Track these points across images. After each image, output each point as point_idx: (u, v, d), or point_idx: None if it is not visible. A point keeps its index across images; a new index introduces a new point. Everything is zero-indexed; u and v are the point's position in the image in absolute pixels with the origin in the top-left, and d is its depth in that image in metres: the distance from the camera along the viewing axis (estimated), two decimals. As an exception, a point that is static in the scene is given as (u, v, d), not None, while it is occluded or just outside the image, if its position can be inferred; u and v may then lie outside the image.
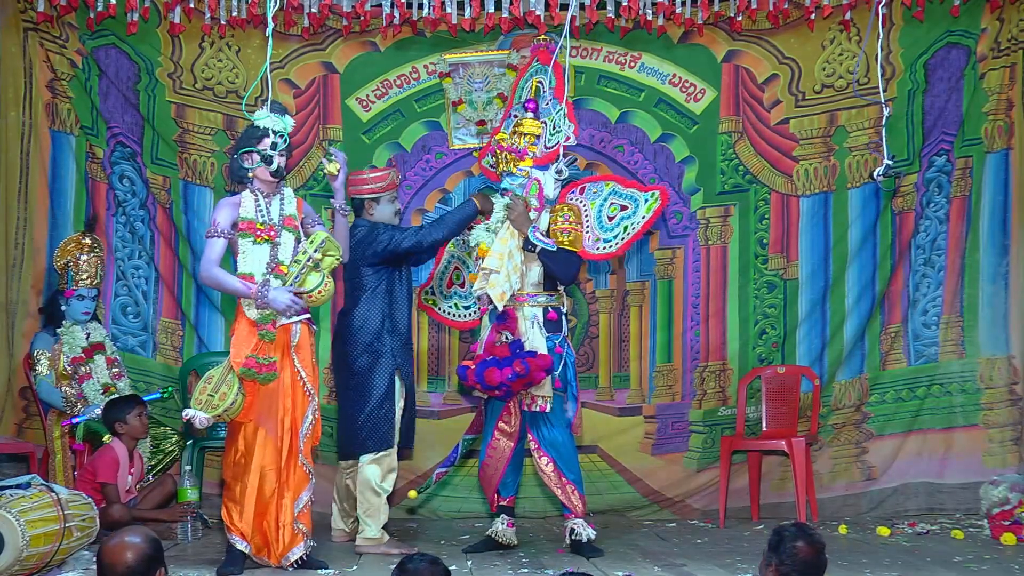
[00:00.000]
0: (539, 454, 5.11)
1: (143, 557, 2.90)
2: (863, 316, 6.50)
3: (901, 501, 6.42)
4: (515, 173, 5.17)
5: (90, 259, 5.91)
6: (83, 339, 5.85)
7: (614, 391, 6.61)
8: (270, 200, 4.73)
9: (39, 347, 5.84)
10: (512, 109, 5.48)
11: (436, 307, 5.82)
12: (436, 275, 5.79)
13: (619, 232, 5.20)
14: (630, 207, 5.25)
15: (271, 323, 4.61)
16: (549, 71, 5.33)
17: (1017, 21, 6.33)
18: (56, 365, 5.80)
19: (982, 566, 4.77)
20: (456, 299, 5.78)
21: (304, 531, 4.66)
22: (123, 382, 5.95)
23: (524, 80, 5.48)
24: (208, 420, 4.54)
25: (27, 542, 4.14)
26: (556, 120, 5.23)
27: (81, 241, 5.97)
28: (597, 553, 5.03)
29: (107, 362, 5.91)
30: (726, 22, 6.36)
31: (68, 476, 5.75)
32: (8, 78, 6.22)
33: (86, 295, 5.88)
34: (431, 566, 2.93)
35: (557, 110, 5.24)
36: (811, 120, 6.52)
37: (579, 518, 5.11)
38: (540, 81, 5.36)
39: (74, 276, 5.87)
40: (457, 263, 5.76)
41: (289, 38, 6.39)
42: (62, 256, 5.94)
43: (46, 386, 5.79)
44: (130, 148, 6.36)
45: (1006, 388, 6.44)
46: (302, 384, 4.68)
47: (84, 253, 5.92)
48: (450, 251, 5.70)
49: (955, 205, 6.49)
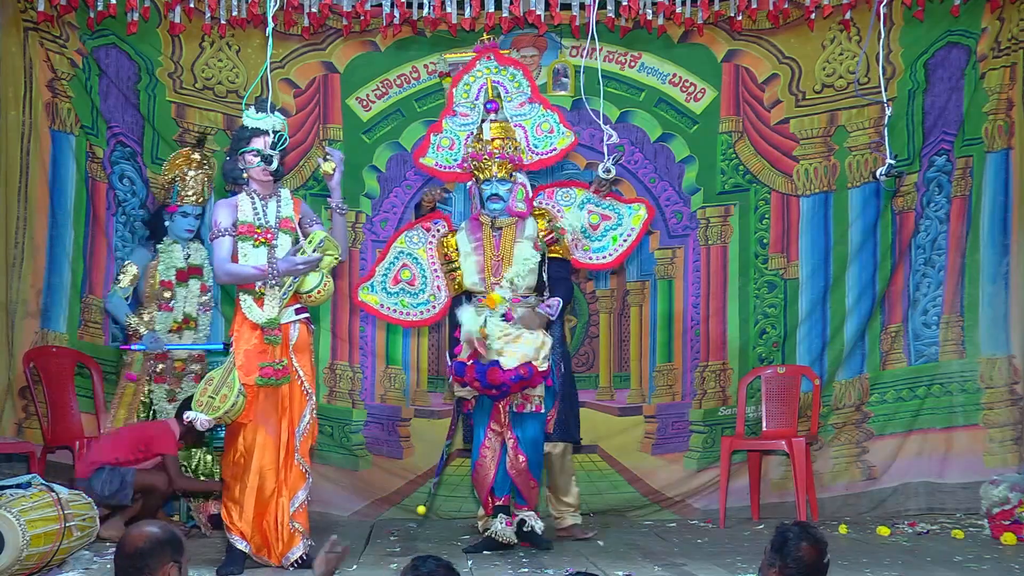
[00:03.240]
0: (516, 452, 5.16)
1: (154, 544, 2.91)
2: (863, 316, 6.50)
3: (901, 501, 6.42)
4: (506, 179, 5.19)
5: (198, 176, 5.78)
6: (181, 259, 5.74)
7: (614, 391, 6.61)
8: (267, 202, 4.73)
9: (131, 259, 5.74)
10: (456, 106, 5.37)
11: (377, 303, 5.40)
12: (379, 271, 5.40)
13: (608, 243, 5.37)
14: (613, 218, 5.42)
15: (276, 328, 4.62)
16: (514, 70, 5.37)
17: (1017, 21, 6.33)
18: (151, 282, 5.68)
19: (982, 566, 4.77)
20: (403, 296, 5.41)
21: (300, 530, 4.65)
22: (206, 316, 5.82)
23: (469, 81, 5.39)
24: (209, 422, 4.54)
25: (27, 542, 4.14)
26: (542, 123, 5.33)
27: (190, 156, 5.83)
28: (550, 545, 5.21)
29: (201, 289, 5.79)
30: (726, 22, 6.36)
31: (133, 404, 5.67)
32: (8, 78, 6.22)
33: (190, 212, 5.73)
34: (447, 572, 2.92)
35: (539, 113, 5.33)
36: (811, 120, 6.53)
37: (531, 511, 5.25)
38: (497, 82, 5.35)
39: (180, 191, 5.74)
40: (405, 259, 5.40)
41: (289, 38, 6.39)
42: (170, 170, 5.82)
43: (117, 300, 5.71)
44: (130, 148, 6.36)
45: (1006, 388, 6.44)
46: (300, 384, 4.69)
47: (192, 169, 5.78)
48: (398, 247, 5.42)
49: (955, 205, 6.49)
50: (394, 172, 6.48)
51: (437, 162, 5.40)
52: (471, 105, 5.35)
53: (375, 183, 6.52)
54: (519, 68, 5.43)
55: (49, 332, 6.28)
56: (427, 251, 5.37)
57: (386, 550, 5.30)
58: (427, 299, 5.39)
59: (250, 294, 4.64)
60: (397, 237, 5.44)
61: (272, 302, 4.62)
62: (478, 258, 5.22)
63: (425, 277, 5.37)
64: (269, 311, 4.61)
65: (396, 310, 5.40)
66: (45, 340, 6.25)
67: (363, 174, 6.49)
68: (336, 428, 6.44)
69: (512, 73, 5.40)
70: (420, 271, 5.38)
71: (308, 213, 4.88)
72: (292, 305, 4.71)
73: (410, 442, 6.45)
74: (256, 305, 4.63)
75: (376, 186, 6.52)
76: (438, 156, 5.39)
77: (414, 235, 5.41)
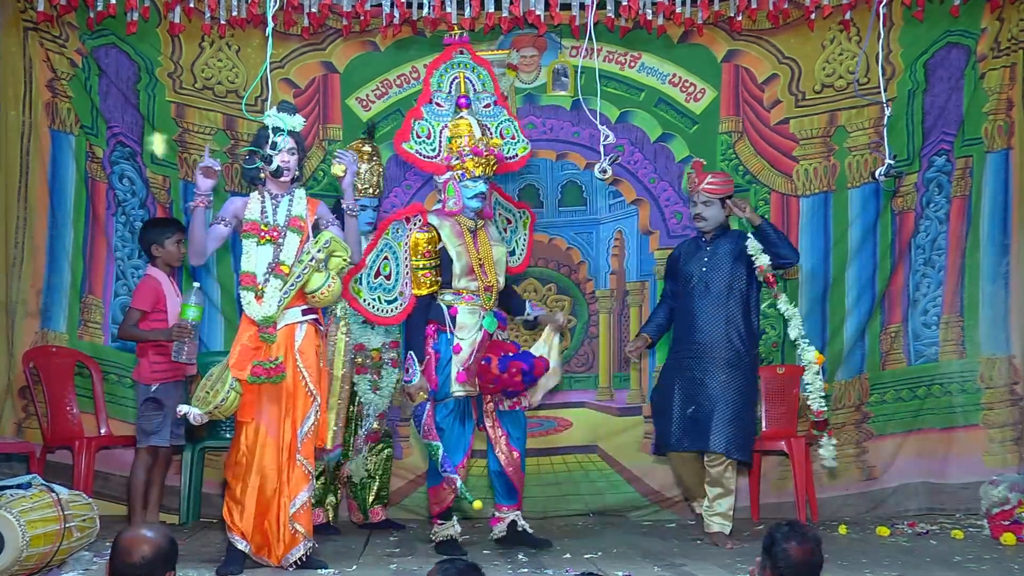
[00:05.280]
0: (510, 448, 5.19)
1: (159, 554, 2.91)
2: (863, 316, 6.50)
3: (901, 501, 6.42)
4: (488, 179, 5.16)
5: (371, 167, 5.76)
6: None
7: (614, 391, 6.61)
8: (278, 201, 4.73)
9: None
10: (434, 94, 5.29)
11: (360, 297, 5.12)
12: (368, 261, 5.13)
13: (515, 247, 5.57)
14: (513, 221, 5.61)
15: (272, 326, 4.61)
16: (483, 70, 5.37)
17: (1017, 21, 6.33)
18: None
19: (982, 566, 4.77)
20: (380, 292, 5.12)
21: (301, 532, 4.64)
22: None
23: (444, 72, 5.33)
24: (202, 416, 4.54)
25: (27, 542, 4.14)
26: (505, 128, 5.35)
27: (361, 149, 5.78)
28: (548, 544, 5.23)
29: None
30: (726, 22, 6.36)
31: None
32: (8, 78, 6.22)
33: (368, 205, 5.68)
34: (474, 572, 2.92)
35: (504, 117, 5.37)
36: (811, 120, 6.53)
37: (519, 511, 5.29)
38: (468, 79, 5.33)
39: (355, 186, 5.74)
40: (387, 252, 5.16)
41: (289, 38, 6.39)
42: None
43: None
44: (130, 148, 6.35)
45: (1006, 388, 6.45)
46: (304, 384, 4.68)
47: (364, 162, 5.73)
48: (384, 239, 5.17)
49: (955, 205, 6.50)
50: (394, 172, 6.47)
51: (418, 150, 5.21)
52: (445, 96, 5.29)
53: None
54: (487, 69, 5.40)
55: (49, 332, 6.28)
56: (404, 246, 5.15)
57: (386, 550, 5.30)
58: (396, 296, 5.12)
59: (250, 290, 4.64)
60: (387, 226, 5.19)
61: (271, 300, 4.61)
62: (467, 258, 5.13)
63: (399, 273, 5.14)
64: (267, 308, 4.60)
65: (373, 305, 5.11)
66: (45, 340, 6.26)
67: (363, 174, 6.49)
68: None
69: (481, 72, 5.38)
70: (396, 266, 5.15)
71: (325, 214, 4.86)
72: (298, 306, 4.70)
73: (410, 442, 6.45)
74: (255, 301, 4.63)
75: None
76: (419, 144, 5.21)
77: (398, 227, 5.15)
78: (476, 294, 5.14)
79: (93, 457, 5.77)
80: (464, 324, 5.11)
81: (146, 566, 2.88)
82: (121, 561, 2.92)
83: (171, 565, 2.95)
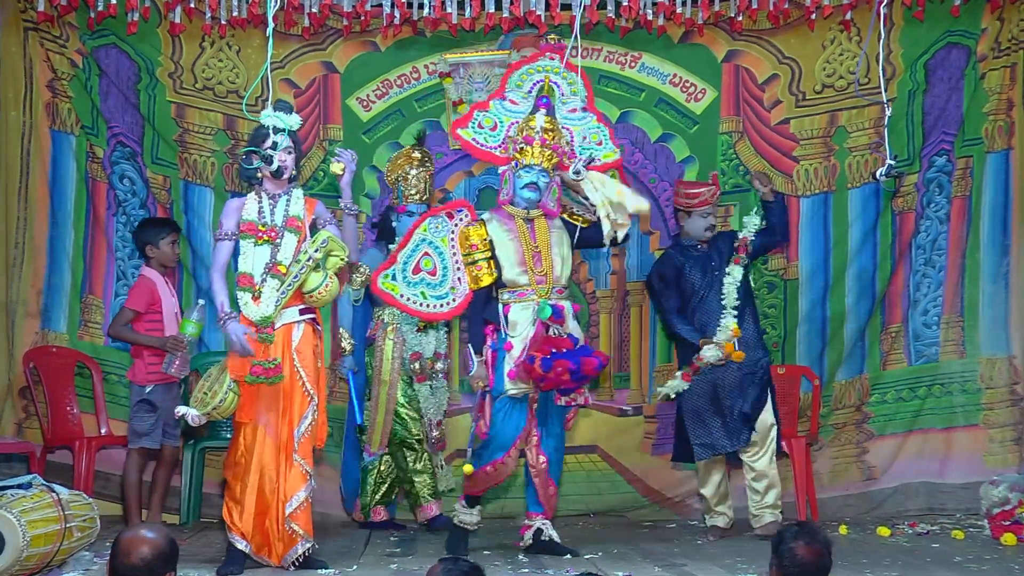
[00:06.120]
0: (538, 452, 5.11)
1: (159, 554, 2.91)
2: (863, 316, 6.50)
3: (901, 501, 6.42)
4: (546, 171, 5.11)
5: (419, 174, 5.79)
6: None
7: (614, 391, 6.61)
8: (275, 201, 4.72)
9: (366, 261, 5.70)
10: (507, 92, 5.34)
11: (396, 292, 5.11)
12: (400, 258, 5.11)
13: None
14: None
15: (269, 326, 4.61)
16: (574, 76, 5.37)
17: (1017, 21, 6.33)
18: None
19: (982, 566, 4.78)
20: (423, 287, 5.10)
21: (298, 532, 4.63)
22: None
23: (527, 73, 5.38)
24: (200, 417, 4.55)
25: (28, 542, 4.14)
26: (591, 133, 5.37)
27: (411, 155, 5.82)
28: (576, 552, 5.10)
29: None
30: (726, 22, 6.35)
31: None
32: (8, 78, 6.22)
33: (415, 211, 5.67)
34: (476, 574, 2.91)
35: (591, 123, 5.38)
36: (811, 120, 6.52)
37: (547, 519, 5.19)
38: (554, 83, 5.34)
39: (403, 191, 5.73)
40: (427, 248, 5.14)
41: (289, 38, 6.38)
42: (392, 171, 5.85)
43: (342, 302, 5.77)
44: (130, 148, 6.35)
45: (1007, 388, 6.45)
46: (301, 384, 4.68)
47: (414, 167, 5.78)
48: (420, 234, 5.16)
49: (956, 205, 6.50)
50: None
51: (475, 138, 5.23)
52: (524, 95, 5.31)
53: (375, 183, 6.51)
54: (580, 76, 5.40)
55: (49, 332, 6.28)
56: (450, 241, 5.13)
57: (386, 550, 5.30)
58: (447, 291, 5.10)
59: (247, 291, 4.63)
60: (420, 223, 5.17)
61: (268, 300, 4.61)
62: (518, 248, 5.07)
63: (446, 268, 5.10)
64: (264, 309, 4.60)
65: (416, 300, 5.09)
66: (45, 340, 6.26)
67: (363, 174, 6.48)
68: (336, 429, 6.42)
69: (572, 78, 5.38)
70: (441, 261, 5.11)
71: (323, 214, 4.86)
72: (296, 305, 4.70)
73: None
74: (252, 302, 4.62)
75: (376, 186, 6.51)
76: (478, 133, 5.25)
77: (437, 222, 5.13)
78: (529, 288, 5.07)
79: (93, 457, 5.78)
80: (516, 321, 5.06)
81: (146, 567, 2.88)
82: (121, 562, 2.92)
83: (171, 566, 2.95)
